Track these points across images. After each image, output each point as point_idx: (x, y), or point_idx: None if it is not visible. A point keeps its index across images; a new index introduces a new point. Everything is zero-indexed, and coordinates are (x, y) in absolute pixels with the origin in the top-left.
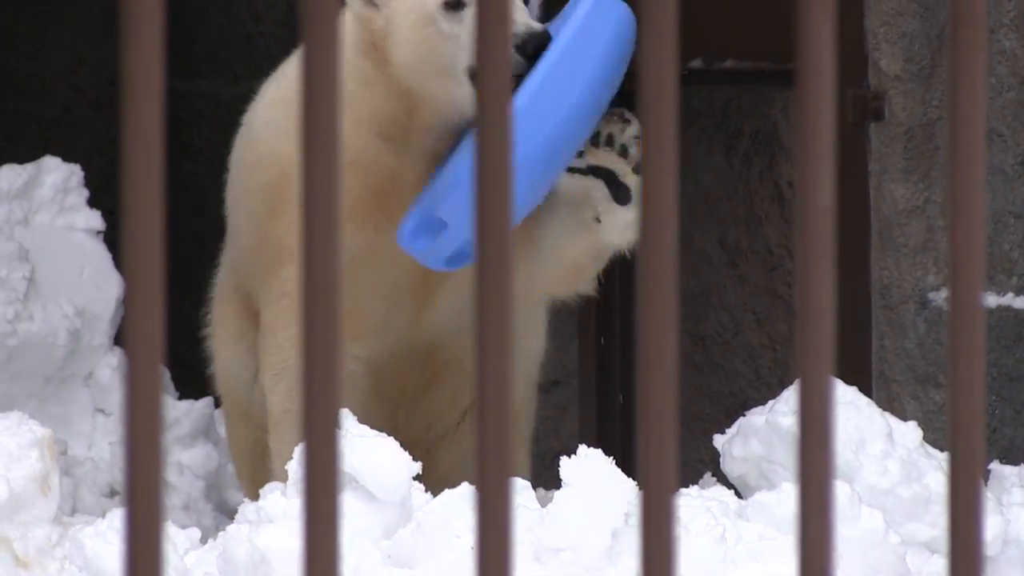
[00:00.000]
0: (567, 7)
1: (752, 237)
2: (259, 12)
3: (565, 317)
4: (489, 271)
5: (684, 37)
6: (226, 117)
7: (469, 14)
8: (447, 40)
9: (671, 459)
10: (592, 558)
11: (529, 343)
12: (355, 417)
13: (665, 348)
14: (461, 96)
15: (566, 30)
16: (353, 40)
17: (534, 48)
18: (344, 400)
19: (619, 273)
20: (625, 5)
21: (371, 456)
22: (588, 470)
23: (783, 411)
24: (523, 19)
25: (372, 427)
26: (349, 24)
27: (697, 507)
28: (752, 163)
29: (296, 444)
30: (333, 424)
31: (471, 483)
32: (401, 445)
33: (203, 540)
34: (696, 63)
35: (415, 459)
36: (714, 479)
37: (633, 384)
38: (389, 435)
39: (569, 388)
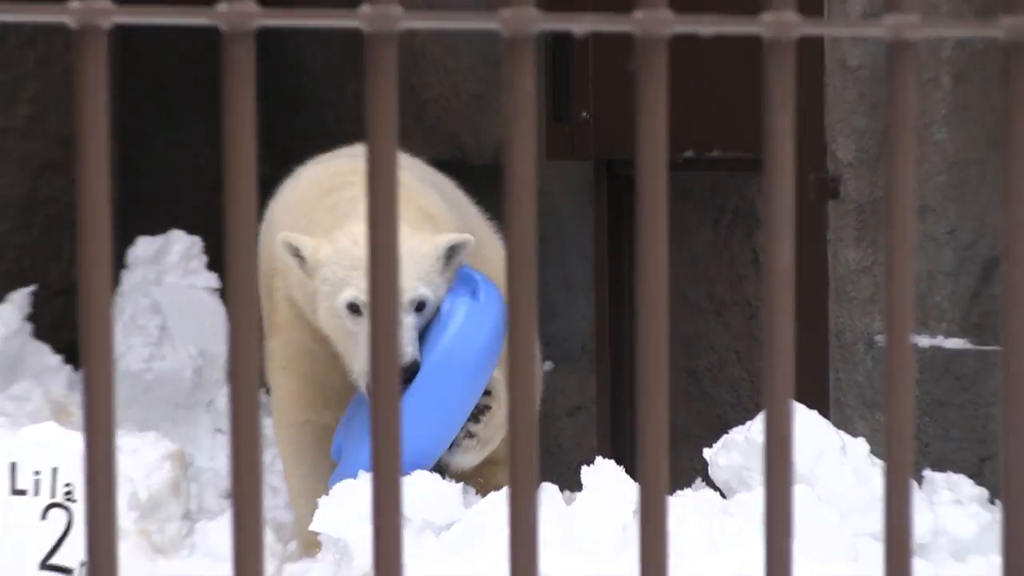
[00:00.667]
0: (458, 283)
1: (734, 292)
2: (341, 113)
3: (585, 356)
4: None
5: (680, 132)
6: None
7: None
8: (349, 335)
9: (664, 467)
10: (607, 546)
11: None
12: None
13: (660, 382)
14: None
15: (441, 345)
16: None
17: (405, 378)
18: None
19: (628, 319)
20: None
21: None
22: (603, 476)
23: (758, 430)
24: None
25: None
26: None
27: (690, 506)
28: (734, 233)
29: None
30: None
31: None
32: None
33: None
34: (689, 153)
35: (478, 480)
36: (704, 484)
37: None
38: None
39: (589, 412)
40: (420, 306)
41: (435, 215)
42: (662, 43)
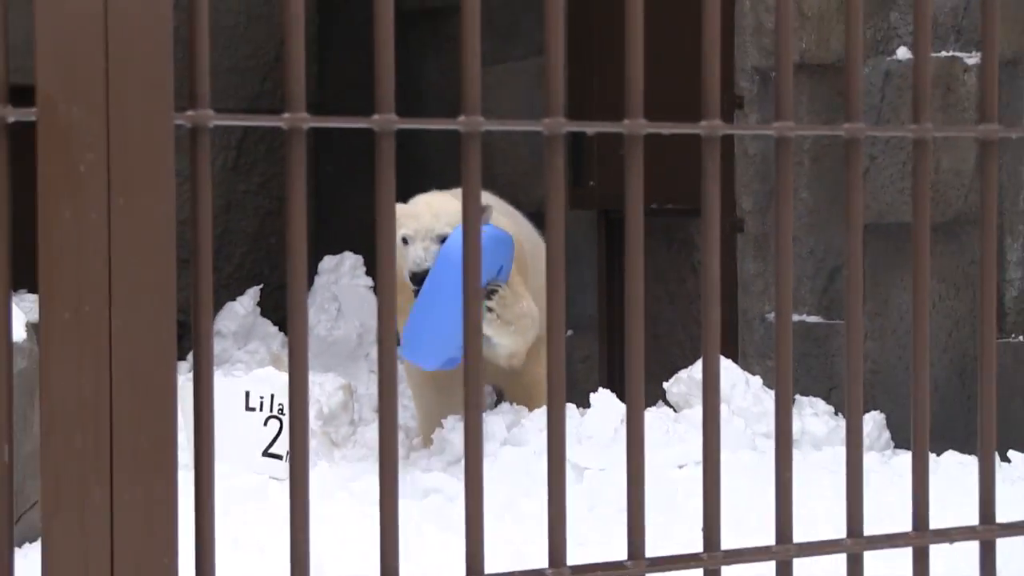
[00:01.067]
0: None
1: (680, 287)
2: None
3: (591, 326)
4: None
5: (648, 191)
6: None
7: (411, 247)
8: (401, 257)
9: (640, 393)
10: (604, 441)
11: None
12: None
13: (638, 341)
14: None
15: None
16: None
17: (418, 280)
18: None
19: (618, 304)
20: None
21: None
22: (603, 399)
23: (697, 370)
24: (415, 258)
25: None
26: None
27: (655, 416)
28: (680, 253)
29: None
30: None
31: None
32: (497, 371)
33: None
34: (654, 205)
35: (507, 377)
36: (663, 404)
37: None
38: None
39: (594, 360)
40: (441, 240)
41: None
42: (639, 139)
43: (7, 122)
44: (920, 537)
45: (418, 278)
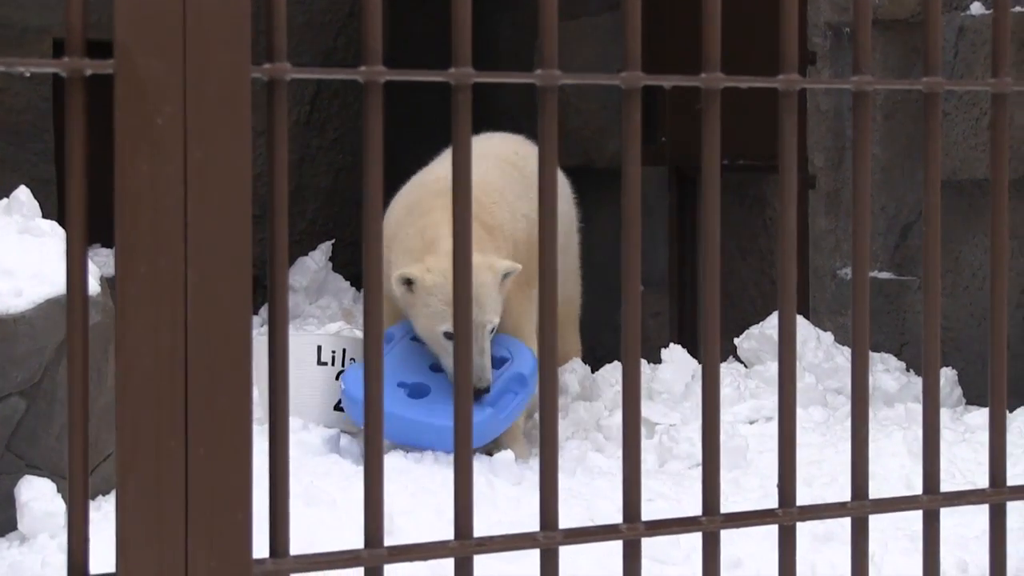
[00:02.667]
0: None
1: (752, 244)
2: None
3: (663, 282)
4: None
5: (721, 148)
6: None
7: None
8: (443, 349)
9: (716, 349)
10: (676, 397)
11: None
12: None
13: (714, 297)
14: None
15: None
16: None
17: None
18: None
19: (690, 260)
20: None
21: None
22: (674, 355)
23: (768, 327)
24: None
25: None
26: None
27: (727, 372)
28: (752, 209)
29: None
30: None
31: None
32: None
33: None
34: (725, 161)
35: None
36: (734, 359)
37: (698, 312)
38: None
39: (664, 316)
40: (493, 330)
41: (495, 227)
42: (717, 93)
43: (85, 75)
44: (997, 494)
45: (480, 394)
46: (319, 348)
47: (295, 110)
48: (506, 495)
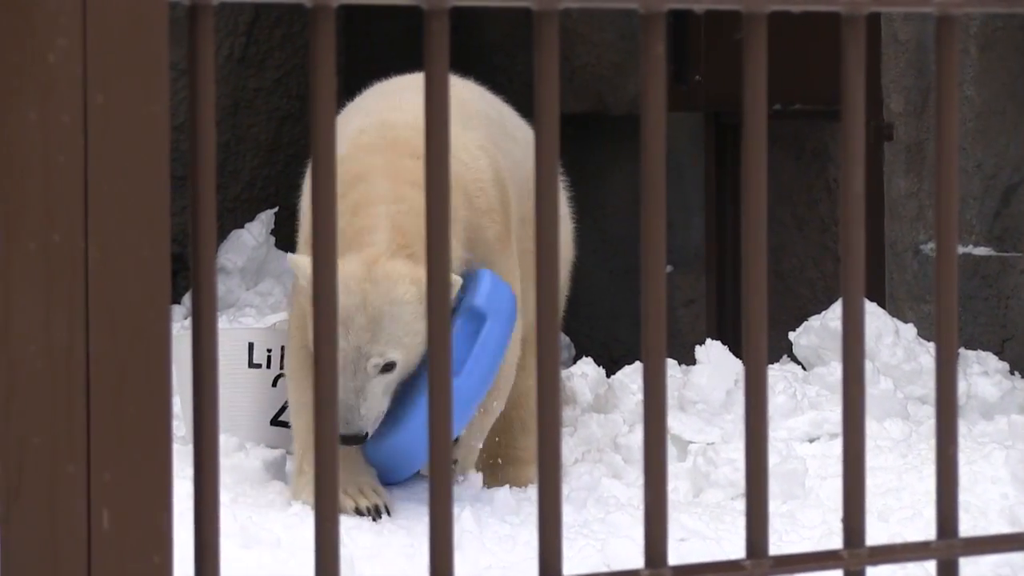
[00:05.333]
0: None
1: (810, 212)
2: (513, 78)
3: (697, 261)
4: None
5: (770, 89)
6: None
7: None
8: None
9: (763, 345)
10: (714, 407)
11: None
12: None
13: (760, 279)
14: None
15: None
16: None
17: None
18: None
19: (730, 232)
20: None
21: None
22: (711, 353)
23: (831, 317)
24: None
25: None
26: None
27: (778, 376)
28: (811, 167)
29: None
30: None
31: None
32: None
33: None
34: (777, 106)
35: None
36: (788, 359)
37: (741, 299)
38: None
39: (699, 304)
40: (388, 367)
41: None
42: (762, 19)
43: None
44: None
45: (349, 441)
46: (251, 345)
47: (227, 43)
48: (497, 533)
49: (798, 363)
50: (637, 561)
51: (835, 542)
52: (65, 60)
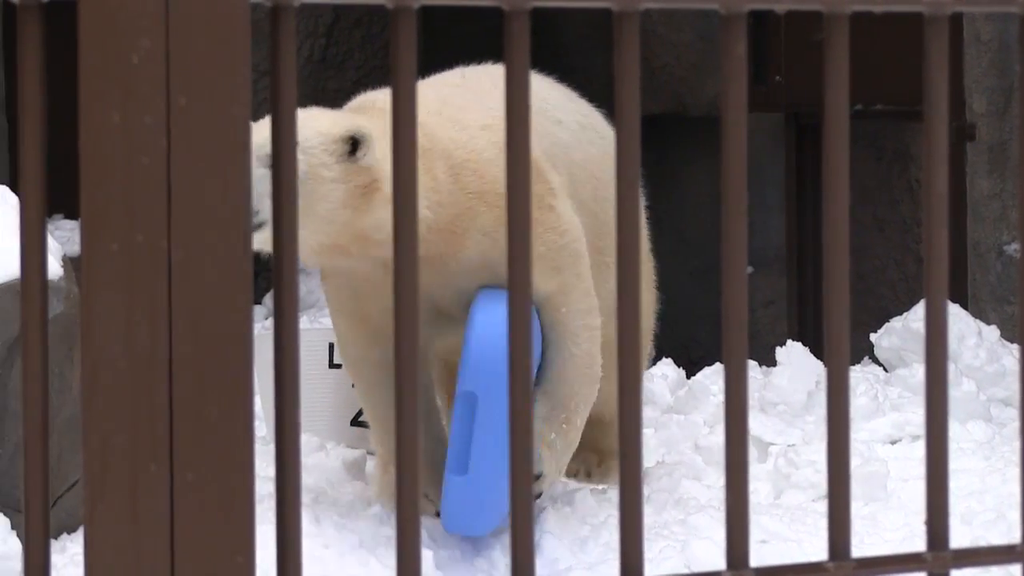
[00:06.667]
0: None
1: (892, 213)
2: (593, 78)
3: (777, 262)
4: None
5: (851, 90)
6: None
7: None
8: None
9: (845, 349)
10: (795, 409)
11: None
12: None
13: (842, 280)
14: None
15: None
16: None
17: None
18: None
19: (811, 232)
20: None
21: None
22: (792, 355)
23: (914, 318)
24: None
25: None
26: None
27: (859, 378)
28: (892, 168)
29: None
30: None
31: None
32: None
33: None
34: (858, 107)
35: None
36: (870, 361)
37: (822, 300)
38: None
39: (779, 305)
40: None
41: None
42: (844, 19)
43: (42, 0)
44: None
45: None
46: (331, 346)
47: (307, 44)
48: (577, 534)
49: (879, 364)
50: (718, 563)
51: (917, 545)
52: (148, 62)
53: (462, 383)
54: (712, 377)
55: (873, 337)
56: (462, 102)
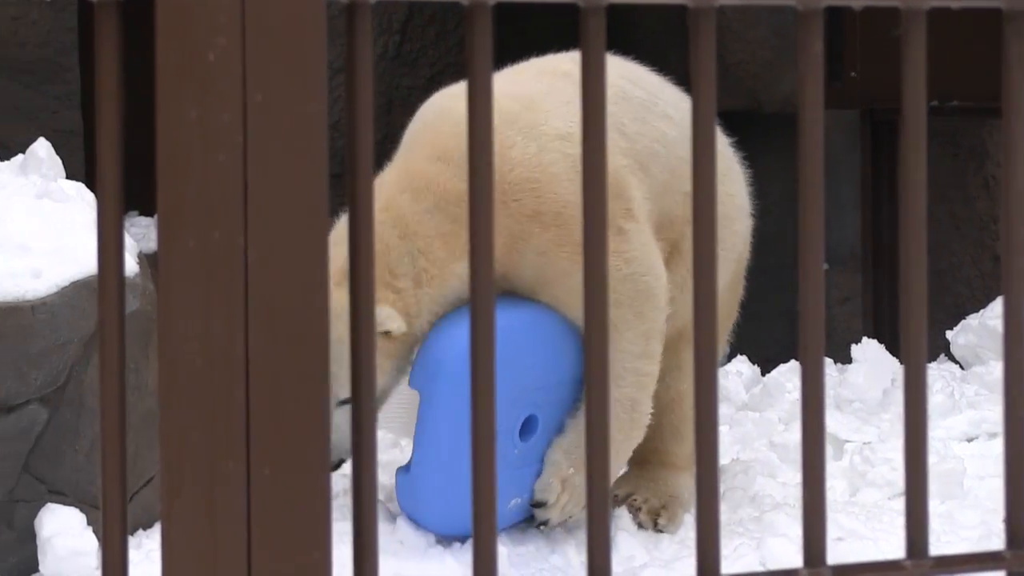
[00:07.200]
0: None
1: (968, 210)
2: (664, 74)
3: (852, 259)
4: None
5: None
6: None
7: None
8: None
9: (922, 346)
10: (871, 406)
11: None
12: None
13: (919, 278)
14: None
15: None
16: None
17: None
18: None
19: (887, 229)
20: None
21: None
22: (868, 352)
23: (990, 315)
24: None
25: None
26: None
27: (936, 375)
28: (968, 165)
29: None
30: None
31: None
32: None
33: None
34: (933, 103)
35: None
36: (945, 358)
37: (898, 297)
38: None
39: (855, 302)
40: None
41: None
42: (922, 15)
43: None
44: None
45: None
46: None
47: (380, 41)
48: (651, 532)
49: (955, 362)
50: (793, 560)
51: (994, 543)
52: (224, 59)
53: (410, 381)
54: (787, 374)
55: (949, 334)
56: (546, 105)
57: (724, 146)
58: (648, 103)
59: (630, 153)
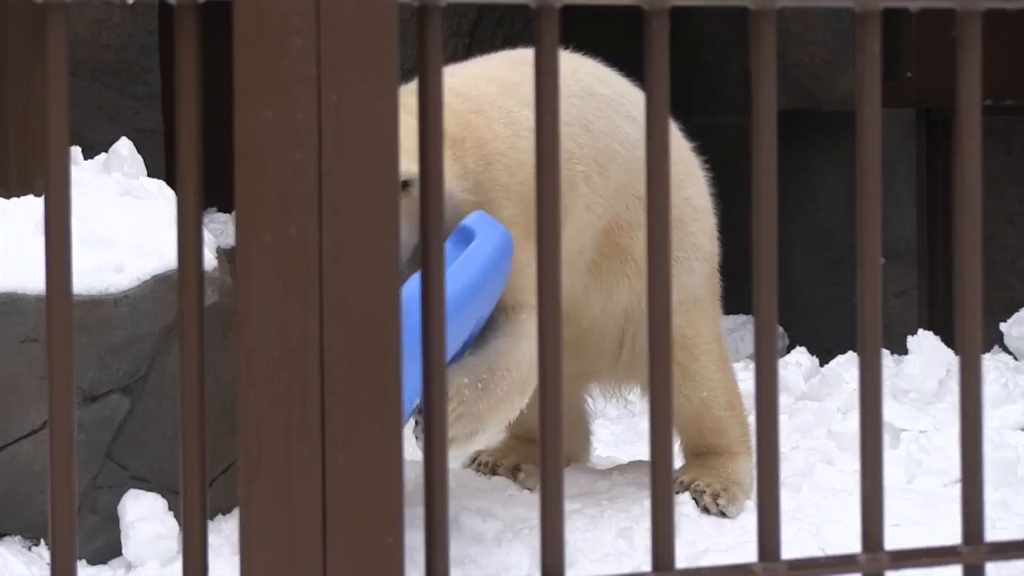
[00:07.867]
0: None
1: (1022, 205)
2: (727, 76)
3: (908, 253)
4: None
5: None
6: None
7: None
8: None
9: (978, 336)
10: (926, 396)
11: None
12: None
13: (974, 271)
14: None
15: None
16: None
17: None
18: None
19: (941, 225)
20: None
21: None
22: (923, 344)
23: None
24: None
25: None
26: None
27: (990, 366)
28: (1021, 161)
29: None
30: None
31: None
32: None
33: None
34: (988, 101)
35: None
36: (999, 350)
37: (953, 291)
38: None
39: (911, 295)
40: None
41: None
42: (977, 16)
43: (198, 1)
44: None
45: None
46: None
47: (450, 43)
48: (713, 517)
49: (1009, 353)
50: (852, 546)
51: None
52: (300, 60)
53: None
54: (844, 365)
55: (1003, 326)
56: (528, 97)
57: (683, 149)
58: (615, 102)
59: (590, 153)
